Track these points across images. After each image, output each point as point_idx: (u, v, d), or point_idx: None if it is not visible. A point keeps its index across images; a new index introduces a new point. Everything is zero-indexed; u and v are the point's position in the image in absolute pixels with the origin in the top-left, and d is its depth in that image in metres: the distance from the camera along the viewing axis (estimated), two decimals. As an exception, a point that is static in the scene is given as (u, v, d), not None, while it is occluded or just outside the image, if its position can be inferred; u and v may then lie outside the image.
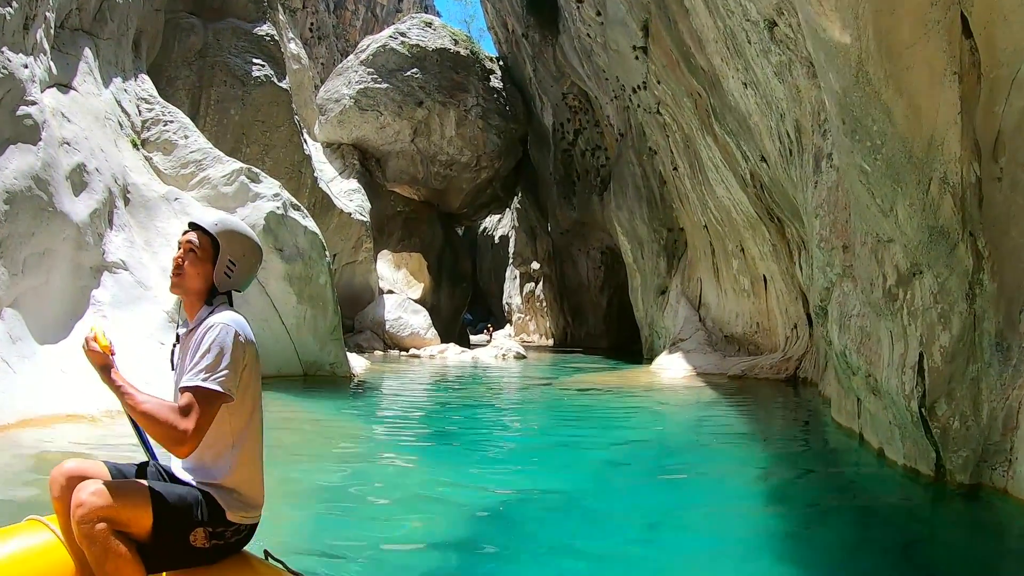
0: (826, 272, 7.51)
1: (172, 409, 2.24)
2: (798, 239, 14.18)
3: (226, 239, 2.58)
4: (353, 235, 25.60)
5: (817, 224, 7.64)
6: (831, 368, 11.51)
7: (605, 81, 23.76)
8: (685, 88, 16.28)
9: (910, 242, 5.16)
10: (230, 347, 2.35)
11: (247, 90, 22.78)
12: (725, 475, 7.04)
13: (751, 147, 13.36)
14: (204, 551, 2.36)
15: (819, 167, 7.84)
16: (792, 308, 15.83)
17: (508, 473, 6.78)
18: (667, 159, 20.36)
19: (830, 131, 7.66)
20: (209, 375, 2.29)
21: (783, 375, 15.03)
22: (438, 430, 9.33)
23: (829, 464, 7.58)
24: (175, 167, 16.03)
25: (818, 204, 7.69)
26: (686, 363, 17.77)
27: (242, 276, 2.64)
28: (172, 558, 2.32)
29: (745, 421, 10.06)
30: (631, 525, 5.21)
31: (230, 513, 2.41)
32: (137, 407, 2.24)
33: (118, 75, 16.61)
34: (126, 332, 11.20)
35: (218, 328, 2.37)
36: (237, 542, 2.47)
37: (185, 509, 2.33)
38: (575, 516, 5.43)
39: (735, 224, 17.18)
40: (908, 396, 5.67)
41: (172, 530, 2.29)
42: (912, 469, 6.29)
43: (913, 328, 5.49)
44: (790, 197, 12.37)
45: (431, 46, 29.50)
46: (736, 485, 6.64)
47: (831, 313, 7.54)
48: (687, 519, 5.47)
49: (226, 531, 2.40)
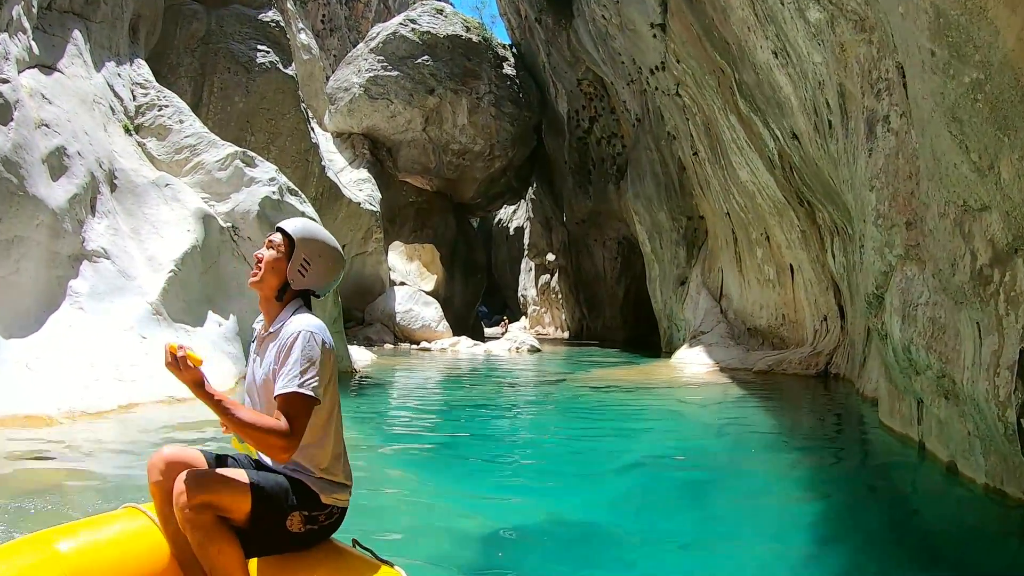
0: (884, 254, 6.30)
1: (270, 418, 2.30)
2: (831, 224, 12.93)
3: (302, 239, 2.60)
4: (362, 225, 24.54)
5: (873, 198, 6.44)
6: (873, 364, 10.28)
7: (621, 65, 22.50)
8: (707, 65, 15.03)
9: (1015, 208, 3.96)
10: (319, 353, 2.39)
11: (251, 77, 21.82)
12: (763, 491, 5.87)
13: (780, 124, 12.11)
14: (299, 535, 2.40)
15: (873, 133, 6.63)
16: (822, 299, 14.57)
17: (520, 490, 5.64)
18: (686, 144, 19.11)
19: (890, 88, 6.45)
20: (302, 381, 2.33)
21: (813, 370, 13.79)
22: (441, 437, 8.18)
23: (885, 478, 6.38)
24: (169, 153, 15.12)
25: (873, 175, 6.49)
26: (708, 357, 16.56)
27: (318, 277, 2.62)
28: (269, 543, 2.38)
29: (779, 424, 8.86)
30: (660, 549, 4.27)
31: (323, 496, 2.45)
32: (237, 419, 2.25)
33: (112, 59, 15.81)
34: (104, 325, 10.23)
35: (306, 335, 2.40)
36: (329, 526, 2.50)
37: (282, 495, 2.37)
38: (596, 541, 4.47)
39: (760, 210, 15.92)
40: (1002, 403, 4.48)
41: (269, 515, 2.33)
42: (997, 490, 5.10)
43: (1012, 319, 4.29)
44: (825, 177, 11.13)
45: (442, 33, 28.33)
46: (777, 503, 5.48)
47: (890, 302, 6.34)
48: (722, 544, 4.42)
49: (320, 515, 2.44)
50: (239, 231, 12.98)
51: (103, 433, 7.27)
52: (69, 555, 2.14)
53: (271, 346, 2.49)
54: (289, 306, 2.58)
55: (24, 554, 2.12)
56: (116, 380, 9.35)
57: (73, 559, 2.14)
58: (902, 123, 6.22)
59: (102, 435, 7.17)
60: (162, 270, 11.55)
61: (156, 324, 10.91)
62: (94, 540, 2.25)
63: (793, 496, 5.63)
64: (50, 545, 2.17)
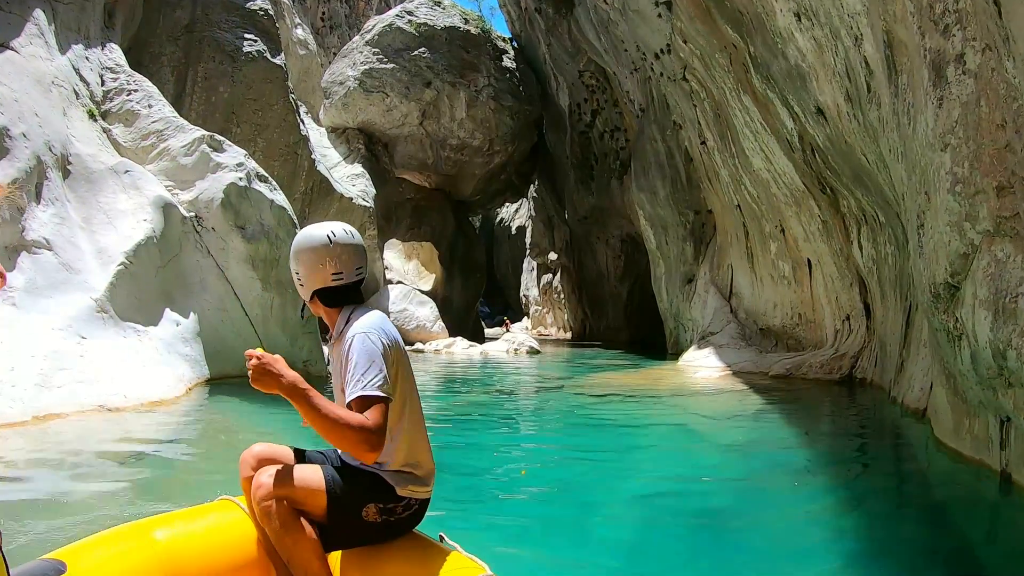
0: (963, 230, 4.77)
1: (354, 415, 2.18)
2: (857, 212, 11.38)
3: (290, 259, 2.53)
4: (355, 221, 23.03)
5: (947, 159, 4.90)
6: (915, 369, 8.72)
7: (624, 52, 20.96)
8: (717, 42, 13.48)
9: None
10: (376, 351, 2.30)
11: (237, 66, 20.43)
12: (802, 537, 4.35)
13: (802, 99, 10.56)
14: (377, 525, 2.34)
15: (943, 78, 5.10)
16: (844, 296, 13.00)
17: (497, 534, 4.09)
18: (694, 133, 17.54)
19: (962, 20, 4.92)
20: (366, 383, 2.23)
21: (836, 375, 12.22)
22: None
23: (963, 521, 4.83)
24: (135, 139, 13.73)
25: (946, 131, 4.96)
26: (718, 359, 14.99)
27: (313, 275, 2.44)
28: (348, 535, 2.34)
29: (811, 444, 7.29)
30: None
31: (399, 488, 2.38)
32: (320, 420, 2.13)
33: (80, 42, 14.61)
34: (38, 324, 8.79)
35: (360, 338, 2.32)
36: (409, 518, 2.41)
37: (356, 487, 2.33)
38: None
39: (774, 201, 14.36)
40: None
41: (345, 507, 2.29)
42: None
43: None
44: (856, 156, 9.58)
45: (440, 25, 26.83)
46: (823, 553, 3.97)
47: (971, 292, 4.80)
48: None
49: (396, 506, 2.36)
50: (203, 221, 11.51)
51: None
52: (165, 543, 2.18)
53: (339, 352, 2.42)
54: (344, 310, 2.49)
55: (123, 541, 2.16)
56: (38, 387, 7.87)
57: (168, 547, 2.17)
58: (985, 60, 4.69)
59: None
60: (112, 263, 10.11)
61: (100, 323, 9.45)
62: (189, 529, 2.29)
63: (845, 550, 4.09)
64: (147, 533, 2.20)
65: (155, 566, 2.11)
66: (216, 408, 9.05)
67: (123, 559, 2.08)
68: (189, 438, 7.23)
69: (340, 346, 2.39)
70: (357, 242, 2.50)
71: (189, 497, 3.64)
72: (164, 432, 7.21)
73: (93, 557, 2.06)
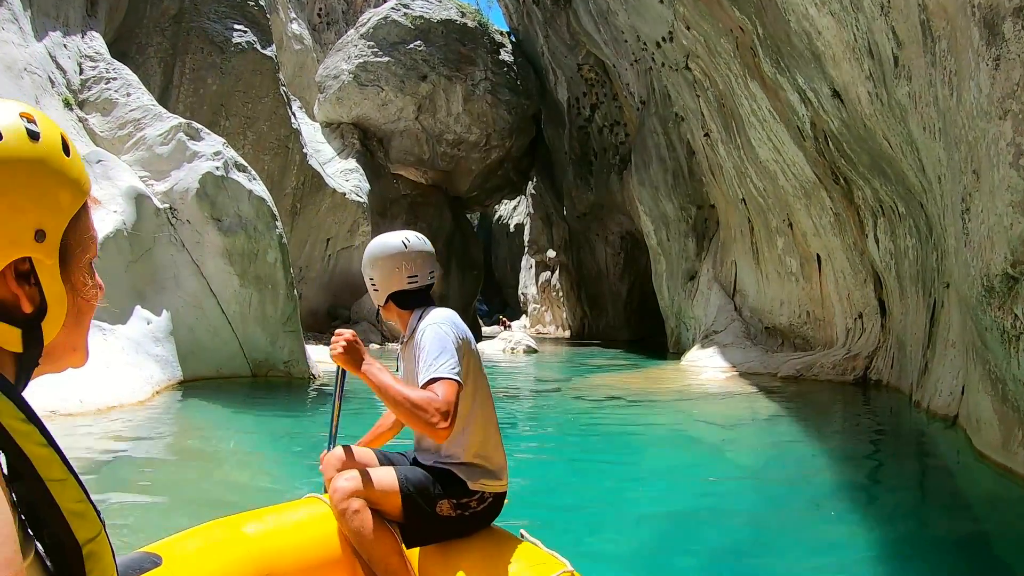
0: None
1: (425, 392, 2.21)
2: (873, 203, 10.58)
3: (362, 268, 2.61)
4: (348, 217, 22.24)
5: (1008, 128, 4.11)
6: (942, 372, 7.92)
7: (624, 44, 20.16)
8: (723, 25, 12.68)
9: None
10: (447, 339, 2.32)
11: (226, 57, 19.62)
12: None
13: (817, 81, 9.76)
14: (451, 520, 2.35)
15: (997, 35, 4.32)
16: (857, 293, 12.19)
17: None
18: (696, 125, 16.74)
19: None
20: (437, 367, 2.25)
21: (850, 376, 11.41)
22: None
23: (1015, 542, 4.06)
24: (112, 128, 12.97)
25: (1006, 94, 4.17)
26: (723, 359, 14.19)
27: (389, 280, 2.52)
28: (425, 532, 2.35)
29: (836, 458, 6.47)
30: None
31: (471, 483, 2.38)
32: (391, 396, 2.18)
33: (58, 29, 13.89)
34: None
35: (432, 328, 2.36)
36: (484, 511, 2.40)
37: (428, 485, 2.35)
38: None
39: (782, 194, 13.55)
40: None
41: (419, 505, 2.31)
42: None
43: None
44: (877, 140, 8.78)
45: (436, 17, 26.03)
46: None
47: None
48: None
49: (470, 500, 2.37)
50: (177, 213, 10.71)
51: None
52: (255, 537, 2.23)
53: (411, 350, 2.44)
54: (416, 311, 2.51)
55: (215, 535, 2.22)
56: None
57: (259, 541, 2.22)
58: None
59: None
60: (76, 258, 9.31)
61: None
62: (278, 525, 2.33)
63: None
64: (238, 528, 2.26)
65: (246, 560, 2.15)
66: (184, 414, 8.24)
67: (215, 552, 2.13)
68: (130, 453, 6.28)
69: (412, 345, 2.43)
70: (429, 248, 2.57)
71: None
72: (106, 443, 6.34)
73: (186, 550, 2.11)
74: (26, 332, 0.80)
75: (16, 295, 0.79)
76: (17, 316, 0.80)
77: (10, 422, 0.73)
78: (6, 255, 0.77)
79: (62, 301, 0.83)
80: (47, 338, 0.83)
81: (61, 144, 0.82)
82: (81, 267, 0.86)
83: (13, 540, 0.65)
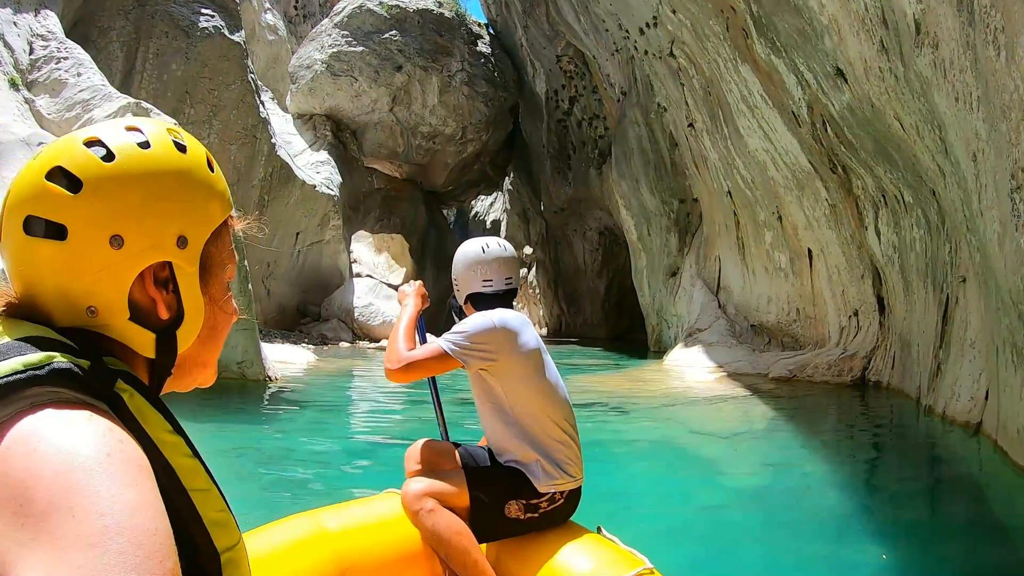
0: None
1: (407, 343, 2.39)
2: (874, 193, 9.79)
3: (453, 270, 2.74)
4: (318, 211, 21.18)
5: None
6: (960, 374, 7.12)
7: (605, 33, 19.28)
8: (712, 6, 11.82)
9: None
10: (478, 325, 2.39)
11: (192, 42, 18.50)
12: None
13: (817, 62, 8.94)
14: (521, 522, 2.33)
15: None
16: (853, 289, 11.42)
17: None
18: (680, 115, 15.91)
19: None
20: (445, 335, 2.38)
21: (847, 377, 10.62)
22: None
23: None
24: (60, 110, 11.95)
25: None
26: (708, 359, 13.36)
27: (467, 281, 2.64)
28: (496, 530, 2.34)
29: (860, 474, 5.64)
30: None
31: (538, 484, 2.35)
32: (390, 333, 2.43)
33: (8, 6, 12.87)
34: None
35: (477, 315, 2.44)
36: (556, 511, 2.38)
37: (497, 486, 2.35)
38: None
39: (771, 185, 12.76)
40: None
41: (488, 508, 2.31)
42: None
43: None
44: (883, 124, 7.97)
45: (412, 7, 24.99)
46: None
47: None
48: None
49: (540, 502, 2.34)
50: (122, 200, 9.67)
51: None
52: (335, 532, 2.26)
53: None
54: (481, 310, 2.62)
55: (296, 528, 2.25)
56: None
57: (339, 535, 2.25)
58: None
59: None
60: (4, 248, 8.27)
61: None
62: (357, 520, 2.36)
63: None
64: (319, 522, 2.28)
65: (326, 553, 2.18)
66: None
67: (297, 545, 2.16)
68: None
69: None
70: (509, 255, 2.65)
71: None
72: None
73: (269, 542, 2.14)
74: (160, 338, 0.79)
75: (154, 299, 0.79)
76: (153, 321, 0.79)
77: (158, 434, 0.72)
78: (146, 257, 0.76)
79: (200, 311, 0.83)
80: (181, 347, 0.82)
81: (206, 160, 0.84)
82: (221, 282, 0.86)
83: (173, 551, 0.61)
